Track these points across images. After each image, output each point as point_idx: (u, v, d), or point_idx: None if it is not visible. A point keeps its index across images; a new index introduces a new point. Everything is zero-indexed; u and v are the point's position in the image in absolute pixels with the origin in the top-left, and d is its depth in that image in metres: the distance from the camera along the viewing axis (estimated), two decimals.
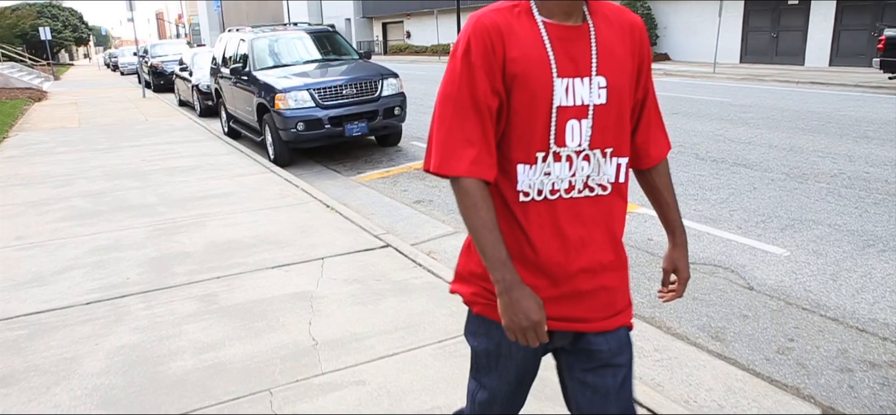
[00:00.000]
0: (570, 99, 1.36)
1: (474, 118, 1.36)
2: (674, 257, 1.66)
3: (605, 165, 1.43)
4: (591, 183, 1.43)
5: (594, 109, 1.38)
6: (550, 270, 1.43)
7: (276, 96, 8.29)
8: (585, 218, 1.44)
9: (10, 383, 2.98)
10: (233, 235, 5.16)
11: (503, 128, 1.39)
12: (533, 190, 1.40)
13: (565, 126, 1.37)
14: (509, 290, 1.36)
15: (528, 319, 1.36)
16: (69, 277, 4.33)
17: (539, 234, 1.41)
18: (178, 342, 3.32)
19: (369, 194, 6.92)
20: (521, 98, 1.35)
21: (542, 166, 1.38)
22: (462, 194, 1.38)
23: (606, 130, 1.41)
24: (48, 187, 7.22)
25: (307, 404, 2.71)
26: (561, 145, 1.38)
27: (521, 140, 1.38)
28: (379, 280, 4.09)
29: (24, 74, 26.82)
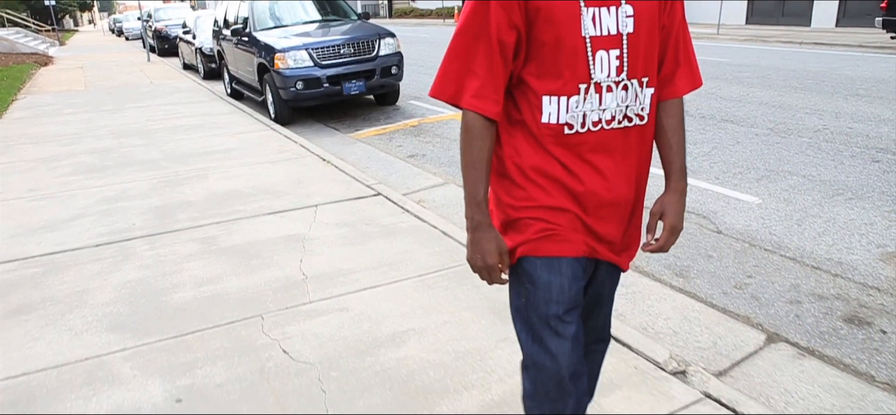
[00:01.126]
0: (598, 28, 1.34)
1: (483, 51, 1.35)
2: (664, 201, 1.59)
3: (642, 94, 1.42)
4: (630, 113, 1.42)
5: (621, 39, 1.37)
6: (592, 200, 1.44)
7: (275, 56, 8.49)
8: (623, 148, 1.44)
9: (29, 311, 3.28)
10: (232, 186, 5.42)
11: (522, 63, 1.39)
12: (576, 123, 1.38)
13: (595, 56, 1.35)
14: (476, 229, 1.43)
15: (484, 260, 1.44)
16: (79, 224, 4.61)
17: (581, 166, 1.41)
18: (179, 277, 3.60)
19: (365, 150, 7.16)
20: (547, 30, 1.33)
21: (578, 98, 1.37)
22: (463, 128, 1.41)
23: (639, 59, 1.39)
24: (57, 145, 7.49)
25: (294, 327, 2.99)
26: (596, 76, 1.36)
27: (551, 73, 1.36)
28: (368, 224, 4.35)
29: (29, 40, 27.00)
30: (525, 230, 1.46)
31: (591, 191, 1.43)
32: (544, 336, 1.50)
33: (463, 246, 3.88)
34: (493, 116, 1.39)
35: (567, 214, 1.45)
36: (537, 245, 1.46)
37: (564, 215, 1.45)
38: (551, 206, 1.44)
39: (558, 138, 1.40)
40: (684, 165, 1.58)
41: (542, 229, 1.45)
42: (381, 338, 2.86)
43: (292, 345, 2.83)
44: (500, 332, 2.88)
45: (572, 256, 1.47)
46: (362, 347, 2.79)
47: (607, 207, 1.46)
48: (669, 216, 1.58)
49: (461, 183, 1.44)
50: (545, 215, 1.44)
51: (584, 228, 1.47)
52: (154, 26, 23.26)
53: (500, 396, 2.43)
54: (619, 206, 1.48)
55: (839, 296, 3.39)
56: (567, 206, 1.44)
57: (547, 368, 1.51)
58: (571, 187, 1.42)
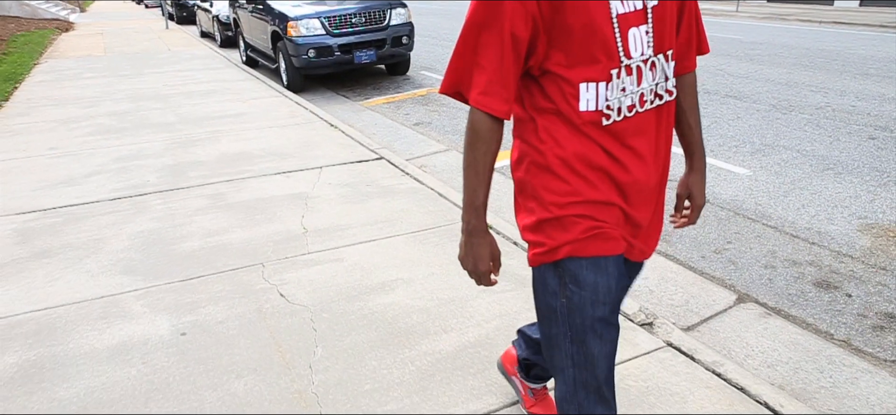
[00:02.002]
0: (626, 4, 1.27)
1: (493, 44, 1.27)
2: (690, 182, 1.61)
3: (668, 68, 1.36)
4: (660, 90, 1.36)
5: (649, 12, 1.30)
6: (634, 189, 1.38)
7: (288, 24, 8.66)
8: (656, 129, 1.39)
9: (50, 255, 3.54)
10: (242, 148, 5.65)
11: (542, 56, 1.30)
12: (613, 110, 1.30)
13: (628, 35, 1.28)
14: (471, 234, 1.40)
15: (476, 266, 1.42)
16: (96, 180, 4.87)
17: (625, 153, 1.34)
18: (188, 229, 3.84)
19: (373, 117, 7.35)
20: (575, 15, 1.24)
21: (617, 83, 1.29)
22: (468, 127, 1.34)
23: (665, 32, 1.33)
24: (77, 108, 7.76)
25: (292, 275, 3.21)
26: (629, 56, 1.29)
27: (583, 58, 1.27)
28: (369, 185, 4.55)
29: (50, 5, 27.33)
30: (571, 228, 1.36)
31: (635, 179, 1.36)
32: (587, 339, 1.40)
33: (456, 206, 4.07)
34: (502, 115, 1.31)
35: (613, 208, 1.37)
36: (585, 245, 1.36)
37: (611, 210, 1.37)
38: (598, 200, 1.35)
39: (599, 127, 1.31)
40: (703, 143, 1.58)
41: (589, 228, 1.35)
42: (371, 286, 3.08)
43: (289, 290, 3.06)
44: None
45: (618, 253, 1.40)
46: (353, 293, 3.01)
47: (645, 192, 1.40)
48: (697, 197, 1.61)
49: (462, 149, 1.49)
50: (592, 212, 1.35)
51: (626, 221, 1.41)
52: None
53: (475, 338, 2.63)
54: (652, 190, 1.42)
55: (813, 262, 3.55)
56: (613, 199, 1.36)
57: (587, 371, 1.43)
58: (617, 177, 1.35)
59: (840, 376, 2.62)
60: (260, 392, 2.32)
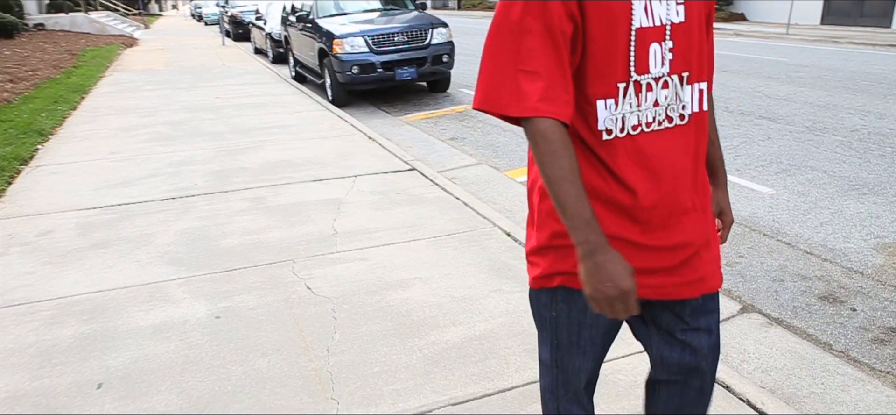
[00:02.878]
0: (650, 18, 1.22)
1: (543, 46, 1.18)
2: (717, 199, 1.56)
3: (682, 91, 1.29)
4: (671, 112, 1.29)
5: (672, 29, 1.24)
6: (646, 215, 1.30)
7: (334, 41, 9.08)
8: (668, 153, 1.30)
9: (107, 246, 3.91)
10: (284, 157, 6.01)
11: (578, 61, 1.23)
12: (616, 126, 1.25)
13: (647, 50, 1.23)
14: (594, 253, 1.19)
15: (617, 287, 1.19)
16: (150, 182, 5.28)
17: (632, 174, 1.27)
18: (229, 227, 4.17)
19: (411, 131, 7.65)
20: (598, 22, 1.19)
21: (624, 99, 1.24)
22: (539, 139, 1.20)
23: (687, 51, 1.27)
24: (136, 117, 8.32)
25: (319, 270, 3.49)
26: (642, 72, 1.24)
27: (600, 71, 1.22)
28: (399, 194, 4.82)
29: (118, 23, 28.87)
30: (567, 259, 1.34)
31: (649, 203, 1.29)
32: (572, 353, 1.45)
33: (480, 215, 4.29)
34: (568, 120, 1.22)
35: (614, 242, 1.29)
36: (577, 278, 1.31)
37: (613, 244, 1.29)
38: None
39: (612, 146, 1.26)
40: (723, 159, 1.56)
41: None
42: (390, 283, 3.33)
43: (315, 283, 3.33)
44: (493, 285, 3.29)
45: None
46: (373, 288, 3.27)
47: (671, 216, 1.32)
48: (727, 214, 1.57)
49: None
50: None
51: (639, 253, 1.32)
52: (230, 12, 24.53)
53: (481, 331, 2.84)
54: (682, 214, 1.34)
55: (822, 278, 3.63)
56: (615, 231, 1.30)
57: (568, 376, 1.49)
58: (622, 202, 1.28)
59: (832, 383, 2.72)
60: (280, 369, 2.58)
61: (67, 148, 6.61)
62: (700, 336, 1.45)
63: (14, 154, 6.07)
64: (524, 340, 2.77)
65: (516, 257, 3.62)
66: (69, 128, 7.68)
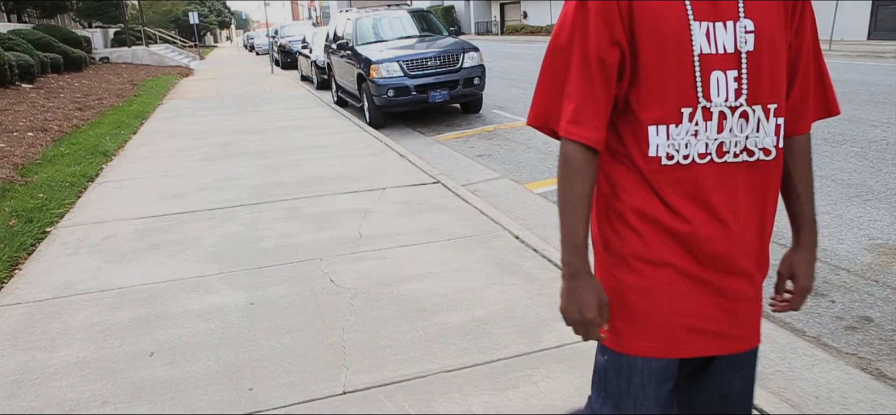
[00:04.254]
0: (712, 46, 1.18)
1: (579, 69, 1.21)
2: (793, 261, 1.41)
3: (766, 124, 1.22)
4: (751, 145, 1.22)
5: (740, 58, 1.19)
6: (706, 249, 1.24)
7: (371, 67, 9.64)
8: (746, 190, 1.24)
9: (160, 247, 4.45)
10: (321, 172, 6.52)
11: (627, 86, 1.23)
12: (678, 153, 1.21)
13: (709, 78, 1.18)
14: (573, 277, 1.26)
15: (582, 314, 1.25)
16: (199, 195, 5.85)
17: (685, 204, 1.22)
18: (267, 232, 4.66)
19: (441, 149, 8.09)
20: (650, 48, 1.18)
21: (688, 125, 1.19)
22: (561, 160, 1.25)
23: (762, 82, 1.20)
24: (189, 140, 9.01)
25: (343, 267, 3.92)
26: (708, 100, 1.19)
27: (655, 97, 1.20)
28: (422, 203, 5.24)
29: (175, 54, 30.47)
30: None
31: (703, 236, 1.23)
32: (623, 404, 1.35)
33: (493, 222, 4.67)
34: (594, 144, 1.22)
35: (665, 268, 1.26)
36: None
37: (661, 271, 1.26)
38: (647, 258, 1.26)
39: (665, 173, 1.22)
40: (815, 217, 1.40)
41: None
42: (404, 277, 3.73)
43: (338, 277, 3.76)
44: (496, 278, 3.66)
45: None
46: (388, 282, 3.68)
47: (725, 259, 1.25)
48: (801, 279, 1.39)
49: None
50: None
51: (694, 286, 1.27)
52: (279, 42, 25.65)
53: (479, 316, 3.21)
54: (737, 259, 1.27)
55: None
56: (667, 257, 1.25)
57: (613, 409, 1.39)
58: (676, 228, 1.23)
59: (798, 363, 2.98)
60: (301, 343, 3.01)
61: (128, 167, 7.29)
62: (734, 383, 1.38)
63: (82, 172, 6.77)
64: (516, 323, 3.13)
65: (520, 256, 3.98)
66: (130, 149, 8.41)
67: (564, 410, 2.40)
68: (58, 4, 26.20)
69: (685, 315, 1.28)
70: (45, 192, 5.99)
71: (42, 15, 27.26)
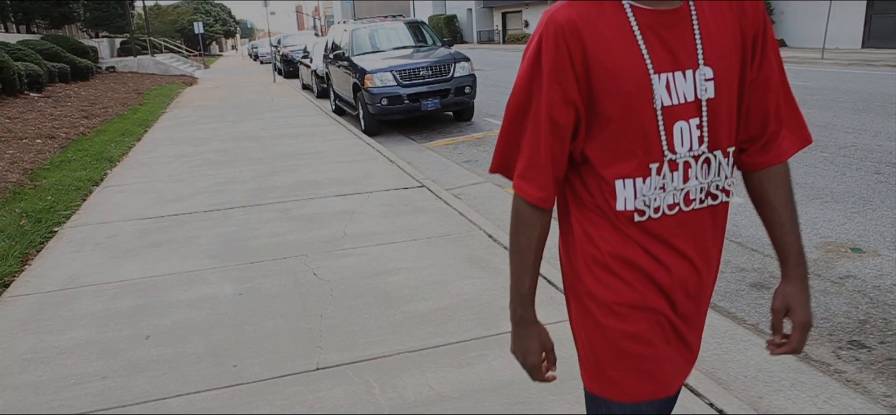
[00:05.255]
0: (674, 97, 1.17)
1: (531, 128, 1.21)
2: (787, 294, 1.33)
3: (726, 166, 1.23)
4: (713, 188, 1.23)
5: (701, 106, 1.18)
6: (680, 293, 1.26)
7: (365, 76, 9.99)
8: (711, 231, 1.26)
9: (159, 245, 4.79)
10: (313, 177, 6.85)
11: (582, 143, 1.22)
12: (649, 207, 1.21)
13: (672, 129, 1.18)
14: (518, 323, 1.33)
15: (525, 359, 1.33)
16: (197, 198, 6.19)
17: (667, 253, 1.23)
18: (258, 231, 5.00)
19: (431, 156, 8.42)
20: (612, 104, 1.16)
21: (656, 179, 1.19)
22: (512, 212, 1.28)
23: (721, 126, 1.21)
24: (190, 146, 9.37)
25: (326, 263, 4.25)
26: (673, 151, 1.19)
27: (619, 152, 1.19)
28: (405, 205, 5.57)
29: (180, 63, 30.95)
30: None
31: (681, 283, 1.25)
32: None
33: (470, 222, 4.99)
34: (538, 202, 1.23)
35: (653, 314, 1.26)
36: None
37: (649, 316, 1.26)
38: (636, 304, 1.25)
39: (636, 226, 1.22)
40: (802, 247, 1.34)
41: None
42: (381, 271, 4.06)
43: (321, 271, 4.09)
44: (466, 272, 3.98)
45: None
46: (366, 275, 4.00)
47: (692, 298, 1.28)
48: (798, 313, 1.32)
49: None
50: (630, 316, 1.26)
51: (673, 332, 1.29)
52: (281, 52, 26.09)
53: (446, 305, 3.53)
54: (700, 296, 1.30)
55: (757, 269, 4.17)
56: (654, 303, 1.25)
57: None
58: (659, 279, 1.24)
59: (733, 347, 3.29)
60: (283, 327, 3.33)
61: (131, 172, 7.65)
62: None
63: (88, 177, 7.12)
64: (478, 311, 3.45)
65: (491, 253, 4.30)
66: (133, 156, 8.78)
67: (512, 384, 2.71)
68: (66, 15, 26.71)
69: (671, 353, 1.30)
70: (53, 195, 6.34)
71: (50, 25, 27.77)
